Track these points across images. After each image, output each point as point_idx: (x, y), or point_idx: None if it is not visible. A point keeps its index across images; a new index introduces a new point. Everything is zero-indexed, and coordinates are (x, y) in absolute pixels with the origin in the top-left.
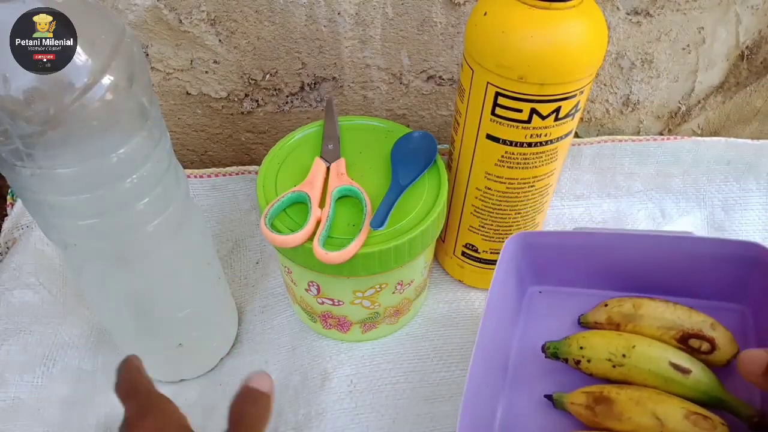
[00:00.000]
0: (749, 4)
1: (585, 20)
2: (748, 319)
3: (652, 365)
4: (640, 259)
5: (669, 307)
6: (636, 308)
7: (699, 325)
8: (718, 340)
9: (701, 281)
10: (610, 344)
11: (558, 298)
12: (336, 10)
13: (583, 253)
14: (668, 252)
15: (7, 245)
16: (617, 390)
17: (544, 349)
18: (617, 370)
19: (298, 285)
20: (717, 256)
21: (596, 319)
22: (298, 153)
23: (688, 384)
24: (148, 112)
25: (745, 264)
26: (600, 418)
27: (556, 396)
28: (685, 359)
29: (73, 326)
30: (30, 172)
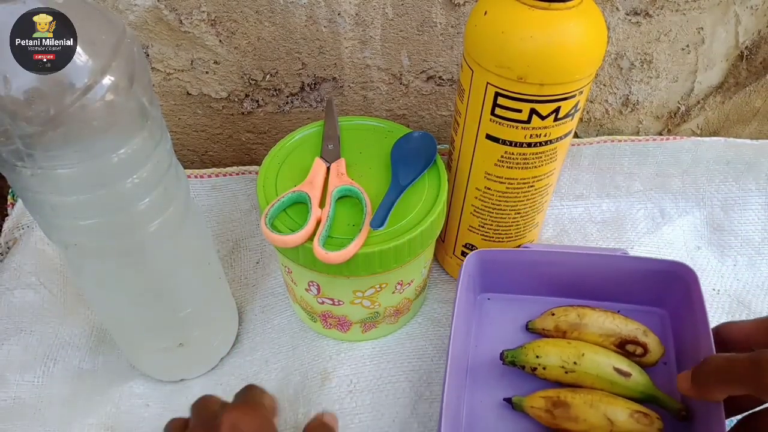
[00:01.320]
0: (749, 5)
1: (584, 20)
2: (666, 322)
3: (599, 370)
4: (579, 272)
5: (608, 317)
6: (580, 317)
7: (634, 332)
8: (649, 345)
9: (631, 289)
10: (562, 353)
11: (505, 304)
12: (336, 10)
13: (528, 267)
14: (603, 266)
15: (8, 245)
16: (572, 394)
17: (502, 357)
18: (569, 375)
19: (298, 285)
20: (645, 270)
21: (544, 326)
22: (298, 153)
23: (628, 385)
24: (149, 113)
25: (667, 278)
26: (558, 420)
27: (515, 399)
28: (626, 364)
29: (73, 326)
30: (30, 172)
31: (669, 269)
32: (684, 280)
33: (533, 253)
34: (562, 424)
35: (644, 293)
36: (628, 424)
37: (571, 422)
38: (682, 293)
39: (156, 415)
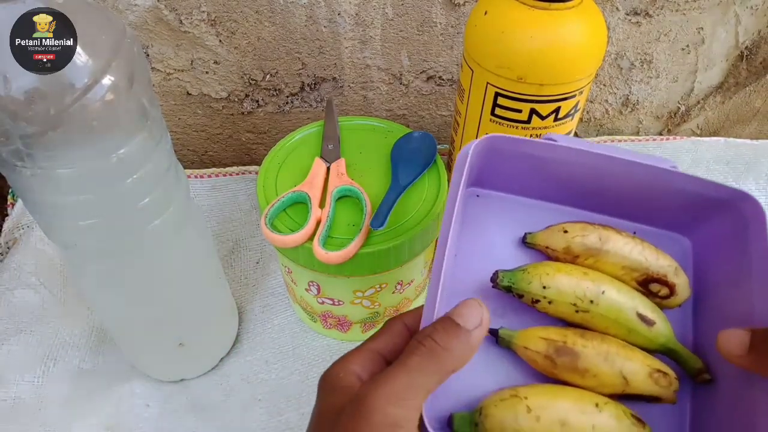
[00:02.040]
0: (748, 5)
1: (584, 21)
2: (688, 253)
3: (619, 315)
4: (601, 179)
5: (637, 246)
6: (602, 242)
7: (665, 269)
8: (678, 287)
9: (656, 209)
10: (578, 287)
11: (499, 205)
12: (336, 10)
13: (538, 162)
14: (637, 180)
15: (8, 245)
16: (582, 341)
17: (494, 279)
18: (579, 315)
19: (298, 285)
20: (693, 193)
21: (549, 244)
22: (298, 153)
23: (649, 336)
24: (149, 113)
25: (715, 205)
26: (559, 370)
27: (503, 333)
28: (650, 309)
29: (73, 326)
30: (30, 172)
31: (725, 197)
32: (741, 215)
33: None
34: (562, 374)
35: (672, 216)
36: (645, 384)
37: (575, 375)
38: (730, 227)
39: (156, 415)
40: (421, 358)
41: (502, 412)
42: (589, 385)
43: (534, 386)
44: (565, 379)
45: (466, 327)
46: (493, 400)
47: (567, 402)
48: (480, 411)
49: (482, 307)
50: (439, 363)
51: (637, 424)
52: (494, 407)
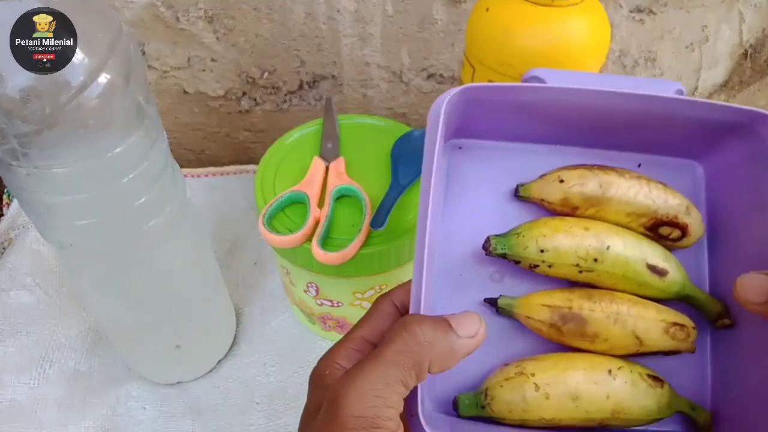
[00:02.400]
0: (753, 3)
1: (587, 18)
2: (700, 181)
3: (627, 269)
4: (599, 113)
5: (642, 188)
6: (603, 189)
7: (675, 210)
8: (691, 227)
9: (662, 137)
10: (579, 247)
11: (485, 155)
12: (335, 7)
13: (525, 107)
14: (640, 109)
15: (3, 245)
16: (590, 304)
17: (487, 246)
18: (584, 275)
19: (296, 286)
20: (704, 120)
21: (545, 197)
22: (296, 152)
23: (662, 287)
24: (145, 111)
25: (731, 131)
26: (567, 337)
27: (503, 303)
28: (661, 257)
29: (69, 327)
30: (26, 171)
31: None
32: (760, 137)
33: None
34: (570, 341)
35: (681, 142)
36: (661, 341)
37: (584, 341)
38: (747, 152)
39: (152, 418)
40: (399, 347)
41: (509, 392)
42: (600, 349)
43: (540, 359)
44: (574, 346)
45: (458, 333)
46: (497, 380)
47: (577, 374)
48: (485, 393)
49: (481, 323)
50: (417, 356)
51: (655, 383)
52: (500, 388)
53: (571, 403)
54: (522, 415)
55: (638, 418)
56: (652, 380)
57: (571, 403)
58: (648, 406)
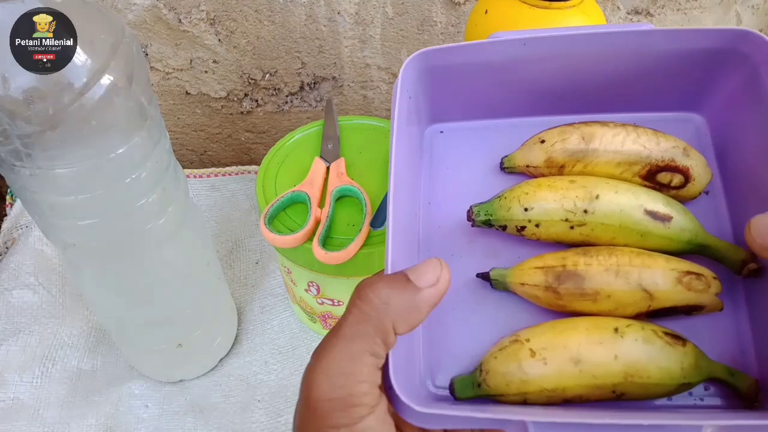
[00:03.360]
0: (750, 4)
1: (585, 19)
2: (704, 132)
3: (623, 218)
4: (574, 72)
5: (630, 134)
6: (586, 141)
7: (670, 153)
8: (693, 170)
9: (651, 90)
10: (565, 199)
11: (467, 136)
12: (336, 9)
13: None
14: (616, 59)
15: (7, 245)
16: (585, 258)
17: (470, 216)
18: (576, 230)
19: (297, 285)
20: (680, 52)
21: (529, 162)
22: (297, 153)
23: (668, 234)
24: (147, 112)
25: (714, 61)
26: (566, 299)
27: (495, 274)
28: (662, 202)
29: (72, 326)
30: (29, 172)
31: (719, 47)
32: (748, 58)
33: (506, 45)
34: (571, 304)
35: (673, 92)
36: (675, 293)
37: (586, 301)
38: (740, 79)
39: (154, 416)
40: (355, 317)
41: (504, 363)
42: (605, 309)
43: (537, 326)
44: (576, 310)
45: (417, 285)
46: (492, 353)
47: (577, 334)
48: (480, 368)
49: (443, 267)
50: (377, 321)
51: (675, 341)
52: (494, 360)
53: (574, 368)
54: (521, 387)
55: (659, 383)
56: (670, 338)
57: (573, 367)
58: (669, 367)
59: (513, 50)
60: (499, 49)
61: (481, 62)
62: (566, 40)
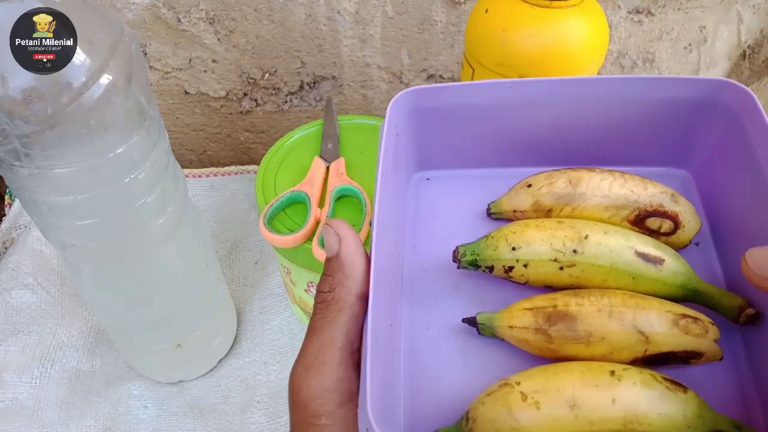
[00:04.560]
0: (751, 3)
1: (586, 19)
2: (690, 186)
3: (613, 259)
4: (562, 122)
5: (617, 179)
6: (573, 185)
7: (658, 198)
8: (681, 216)
9: (637, 144)
10: (554, 238)
11: (454, 185)
12: (336, 8)
13: (482, 118)
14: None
15: (5, 245)
16: (577, 299)
17: (456, 257)
18: (566, 272)
19: (297, 285)
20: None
21: (516, 206)
22: (297, 152)
23: (661, 278)
24: (146, 112)
25: (697, 114)
26: (557, 344)
27: (482, 319)
28: (652, 245)
29: (71, 327)
30: (28, 171)
31: (702, 98)
32: (731, 110)
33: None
34: (563, 348)
35: (659, 147)
36: (671, 336)
37: (579, 345)
38: (723, 131)
39: (153, 417)
40: (320, 314)
41: (492, 409)
42: (599, 353)
43: (529, 369)
44: (568, 355)
45: (332, 254)
46: (479, 399)
47: (572, 378)
48: (467, 417)
49: (334, 224)
50: (333, 304)
51: (675, 388)
52: (482, 406)
53: (569, 412)
54: None
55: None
56: (670, 383)
57: (568, 412)
58: (670, 414)
59: (500, 93)
60: (487, 90)
61: (469, 104)
62: (552, 84)
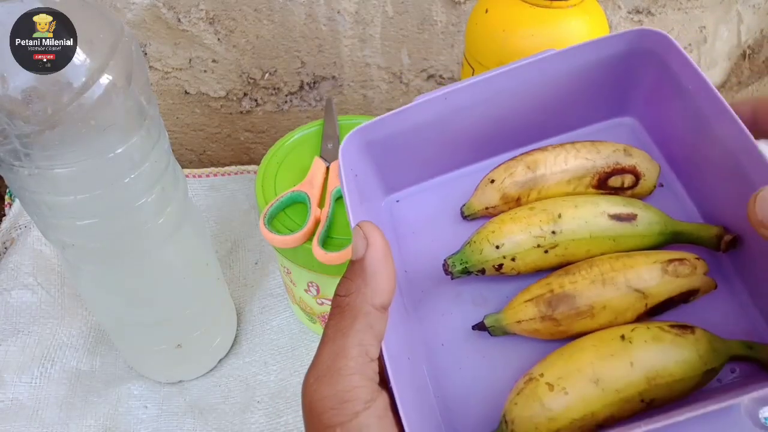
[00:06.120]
0: (751, 3)
1: (586, 19)
2: (639, 131)
3: (591, 228)
4: (502, 111)
5: (569, 151)
6: (533, 169)
7: (612, 157)
8: (639, 166)
9: (575, 108)
10: (530, 226)
11: (424, 198)
12: (336, 8)
13: (429, 132)
14: (536, 90)
15: (5, 245)
16: (569, 278)
17: (446, 269)
18: (551, 254)
19: (297, 285)
20: (589, 66)
21: (486, 204)
22: (297, 152)
23: (639, 232)
24: (146, 112)
25: (626, 66)
26: (565, 324)
27: (490, 321)
28: (621, 203)
29: (71, 327)
30: (28, 171)
31: (625, 50)
32: (654, 54)
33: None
34: (571, 327)
35: (597, 103)
36: (667, 284)
37: (585, 319)
38: (655, 76)
39: (153, 417)
40: (334, 321)
41: (526, 406)
42: (605, 321)
43: (545, 358)
44: (578, 331)
45: (357, 258)
46: (512, 400)
47: (586, 354)
48: (504, 420)
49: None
50: (349, 312)
51: (683, 332)
52: (516, 407)
53: (595, 388)
54: (551, 425)
55: (684, 377)
56: (677, 329)
57: (594, 388)
58: (686, 358)
59: (438, 107)
60: (425, 108)
61: (415, 125)
62: (482, 84)
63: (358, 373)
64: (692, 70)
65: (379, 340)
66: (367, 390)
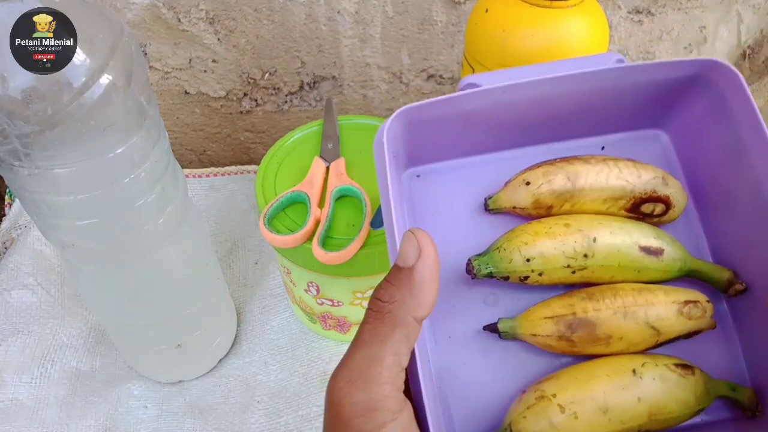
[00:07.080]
0: (751, 3)
1: (586, 19)
2: (668, 148)
3: (621, 258)
4: (547, 104)
5: (612, 169)
6: (572, 181)
7: (651, 184)
8: (672, 197)
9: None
10: (565, 246)
11: (446, 177)
12: (336, 8)
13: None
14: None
15: (5, 245)
16: (593, 305)
17: (470, 270)
18: (578, 275)
19: (297, 285)
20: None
21: (515, 203)
22: (297, 152)
23: (662, 267)
24: (146, 112)
25: (685, 87)
26: (580, 346)
27: (503, 326)
28: (652, 235)
29: (71, 327)
30: (28, 171)
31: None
32: (714, 85)
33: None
34: (584, 350)
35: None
36: (678, 324)
37: (599, 345)
38: (706, 103)
39: (153, 417)
40: (372, 325)
41: (534, 422)
42: (617, 349)
43: (558, 376)
44: (589, 353)
45: (406, 265)
46: (520, 411)
47: (600, 383)
48: (509, 429)
49: (416, 235)
50: (389, 319)
51: (685, 372)
52: (524, 419)
53: (603, 417)
54: None
55: (679, 415)
56: (681, 369)
57: (602, 417)
58: (685, 398)
59: (492, 97)
60: (478, 97)
61: (461, 112)
62: (545, 83)
63: (390, 383)
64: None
65: (410, 350)
66: (396, 401)
